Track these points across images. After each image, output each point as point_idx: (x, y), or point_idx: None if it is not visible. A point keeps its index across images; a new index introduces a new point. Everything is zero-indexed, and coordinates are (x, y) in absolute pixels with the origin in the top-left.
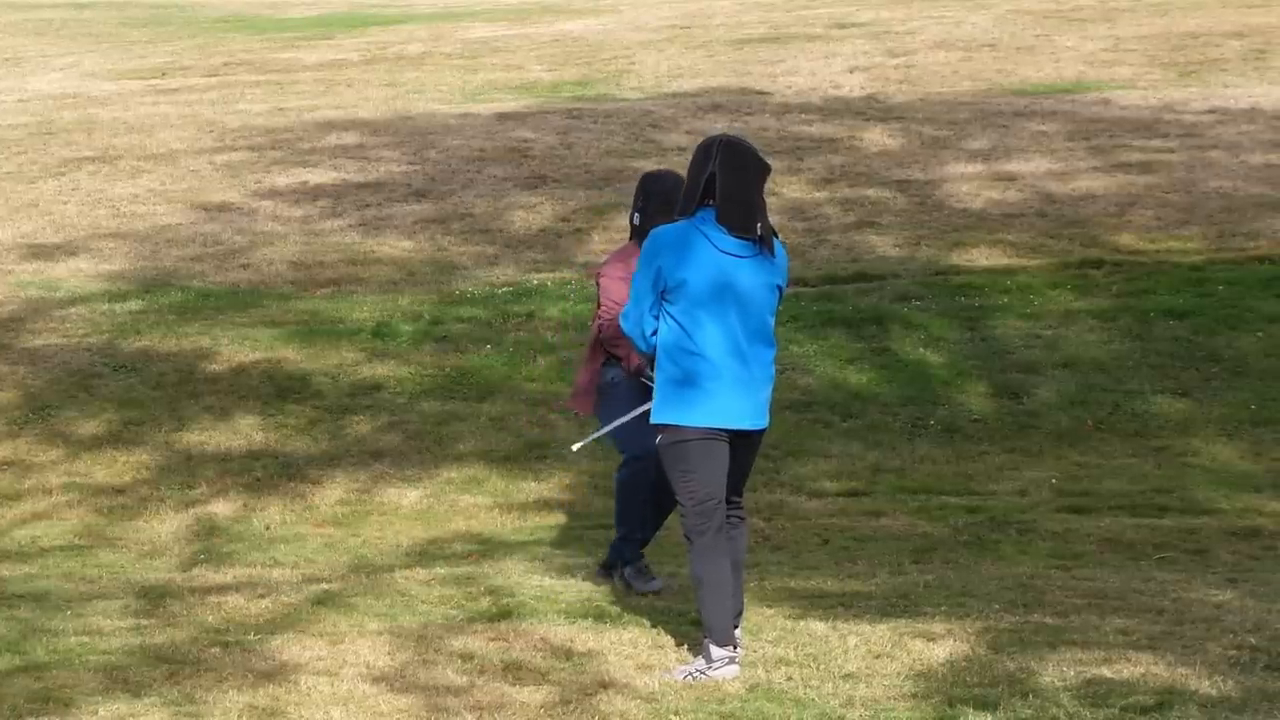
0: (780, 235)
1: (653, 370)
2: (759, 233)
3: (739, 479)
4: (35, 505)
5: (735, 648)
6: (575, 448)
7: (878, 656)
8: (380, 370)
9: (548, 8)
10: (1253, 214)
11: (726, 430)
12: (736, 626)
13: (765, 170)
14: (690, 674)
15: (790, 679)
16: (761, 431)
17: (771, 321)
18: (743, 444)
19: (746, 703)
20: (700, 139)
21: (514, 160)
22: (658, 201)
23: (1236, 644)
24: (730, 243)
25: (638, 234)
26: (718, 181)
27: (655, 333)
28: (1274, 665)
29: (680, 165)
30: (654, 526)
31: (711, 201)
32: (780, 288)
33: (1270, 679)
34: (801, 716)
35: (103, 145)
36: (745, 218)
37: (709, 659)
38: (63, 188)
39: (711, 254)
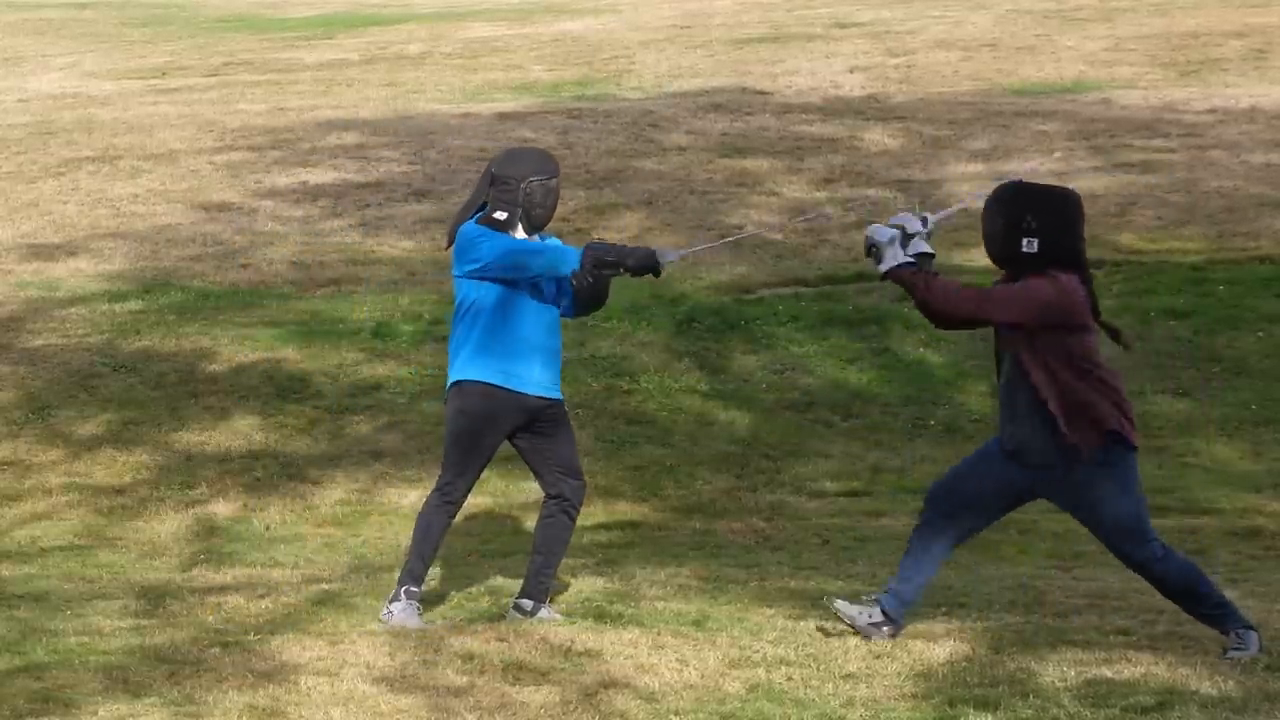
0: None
1: None
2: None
3: None
4: (35, 505)
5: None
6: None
7: (878, 657)
8: (380, 370)
9: (548, 8)
10: (1253, 214)
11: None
12: None
13: (487, 171)
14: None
15: (790, 679)
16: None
17: (460, 299)
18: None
19: (747, 703)
20: (701, 138)
21: None
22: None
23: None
24: None
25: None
26: None
27: None
28: (1275, 666)
29: (680, 164)
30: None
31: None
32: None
33: (1271, 679)
34: (802, 717)
35: (103, 145)
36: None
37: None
38: (63, 188)
39: None
